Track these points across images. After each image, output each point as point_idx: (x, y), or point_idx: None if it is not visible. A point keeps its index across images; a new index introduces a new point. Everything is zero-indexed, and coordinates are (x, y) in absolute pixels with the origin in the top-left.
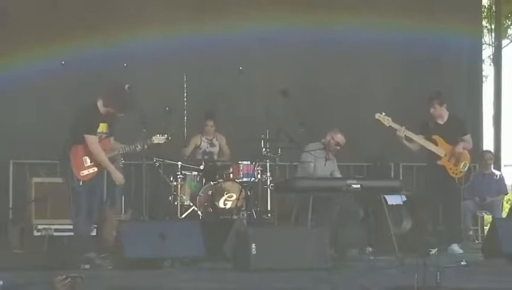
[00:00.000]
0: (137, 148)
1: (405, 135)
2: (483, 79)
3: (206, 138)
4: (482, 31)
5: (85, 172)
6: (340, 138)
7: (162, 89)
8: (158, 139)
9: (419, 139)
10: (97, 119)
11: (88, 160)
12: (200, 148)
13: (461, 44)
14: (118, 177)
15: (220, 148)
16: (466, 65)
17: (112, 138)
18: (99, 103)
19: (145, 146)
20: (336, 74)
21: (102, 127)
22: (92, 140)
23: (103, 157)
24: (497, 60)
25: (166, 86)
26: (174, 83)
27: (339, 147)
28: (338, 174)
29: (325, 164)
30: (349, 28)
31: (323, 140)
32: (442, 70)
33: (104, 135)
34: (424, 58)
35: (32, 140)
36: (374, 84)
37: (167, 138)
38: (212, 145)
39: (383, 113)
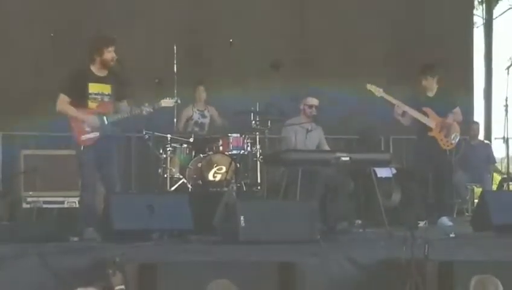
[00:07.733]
0: (144, 112)
1: (403, 111)
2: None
3: (198, 109)
4: (473, 2)
5: (85, 137)
6: (310, 100)
7: (152, 61)
8: (166, 102)
9: (413, 112)
10: (81, 80)
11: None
12: (192, 119)
13: (452, 15)
14: (91, 120)
15: (213, 120)
16: (457, 37)
17: (124, 102)
18: (91, 65)
19: (152, 109)
20: (326, 45)
21: (100, 88)
22: (59, 98)
23: (67, 111)
24: (487, 32)
25: (156, 58)
26: (164, 55)
27: (314, 109)
28: (325, 145)
29: (306, 136)
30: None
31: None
32: (432, 42)
33: (106, 97)
34: (415, 30)
35: (22, 112)
36: (365, 55)
37: (176, 101)
38: (203, 116)
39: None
